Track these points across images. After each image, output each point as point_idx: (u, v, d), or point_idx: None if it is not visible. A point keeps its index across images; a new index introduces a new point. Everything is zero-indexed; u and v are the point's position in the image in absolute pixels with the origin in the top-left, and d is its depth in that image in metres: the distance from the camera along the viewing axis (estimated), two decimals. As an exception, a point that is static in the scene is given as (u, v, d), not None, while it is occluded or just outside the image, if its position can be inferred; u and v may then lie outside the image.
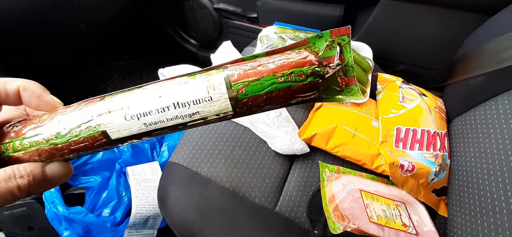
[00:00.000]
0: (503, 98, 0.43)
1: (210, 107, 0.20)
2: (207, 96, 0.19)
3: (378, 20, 0.67)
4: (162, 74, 0.59)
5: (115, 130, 0.20)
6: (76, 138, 0.21)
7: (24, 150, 0.21)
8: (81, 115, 0.20)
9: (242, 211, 0.46)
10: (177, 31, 1.04)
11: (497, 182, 0.39)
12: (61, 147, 0.21)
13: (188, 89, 0.19)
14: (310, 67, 0.19)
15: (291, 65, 0.19)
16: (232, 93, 0.19)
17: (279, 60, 0.19)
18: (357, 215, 0.41)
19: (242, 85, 0.19)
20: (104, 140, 0.21)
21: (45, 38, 0.61)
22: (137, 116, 0.20)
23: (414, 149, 0.48)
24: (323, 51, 0.20)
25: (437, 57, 0.66)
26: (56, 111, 0.21)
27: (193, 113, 0.20)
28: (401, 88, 0.55)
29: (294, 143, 0.51)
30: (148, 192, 0.56)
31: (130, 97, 0.20)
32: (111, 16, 0.77)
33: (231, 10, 0.83)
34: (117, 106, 0.20)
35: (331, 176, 0.48)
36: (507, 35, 0.43)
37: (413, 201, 0.47)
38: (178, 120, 0.20)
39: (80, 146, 0.21)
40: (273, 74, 0.19)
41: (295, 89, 0.19)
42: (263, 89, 0.19)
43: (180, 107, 0.20)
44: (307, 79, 0.19)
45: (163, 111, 0.20)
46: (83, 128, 0.20)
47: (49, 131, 0.20)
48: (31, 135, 0.21)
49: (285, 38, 0.58)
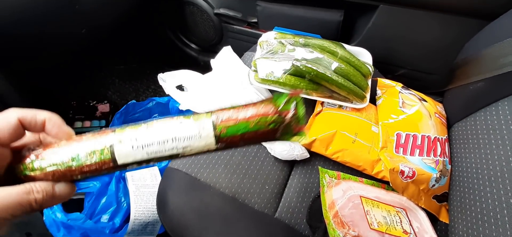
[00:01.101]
0: (503, 103, 0.43)
1: (199, 142, 0.26)
2: (198, 134, 0.25)
3: (378, 25, 0.67)
4: (161, 79, 0.59)
5: (122, 156, 0.25)
6: (89, 162, 0.25)
7: (41, 171, 0.25)
8: (95, 143, 0.25)
9: (241, 217, 0.46)
10: (177, 36, 1.04)
11: (498, 189, 0.38)
12: (74, 170, 0.26)
13: (184, 128, 0.25)
14: (272, 117, 0.26)
15: (259, 115, 0.26)
16: (216, 132, 0.25)
17: (251, 111, 0.26)
18: (357, 222, 0.41)
19: (224, 127, 0.26)
20: (112, 165, 0.26)
21: (46, 44, 0.61)
22: (142, 146, 0.25)
23: (414, 155, 0.48)
24: (282, 106, 0.27)
25: (437, 62, 0.66)
26: (73, 139, 0.26)
27: (185, 146, 0.25)
28: (401, 94, 0.55)
29: (293, 148, 0.51)
30: (147, 197, 0.56)
31: (138, 131, 0.25)
32: (112, 21, 0.77)
33: (231, 15, 0.83)
34: (127, 138, 0.25)
35: (331, 182, 0.48)
36: (507, 40, 0.43)
37: (413, 208, 0.46)
38: (173, 151, 0.26)
39: (91, 169, 0.26)
40: (246, 121, 0.26)
41: (261, 132, 0.27)
42: (238, 131, 0.26)
43: (176, 141, 0.25)
44: (269, 126, 0.26)
45: (162, 144, 0.25)
46: (97, 154, 0.25)
47: (66, 156, 0.25)
48: (51, 158, 0.25)
49: (285, 43, 0.59)
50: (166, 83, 0.59)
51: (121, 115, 0.75)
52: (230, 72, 0.60)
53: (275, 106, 0.28)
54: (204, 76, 0.62)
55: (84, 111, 0.94)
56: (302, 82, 0.52)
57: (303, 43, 0.58)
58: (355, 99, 0.53)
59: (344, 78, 0.52)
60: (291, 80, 0.53)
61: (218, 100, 0.56)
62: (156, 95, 1.10)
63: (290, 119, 0.28)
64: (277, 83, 0.54)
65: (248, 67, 0.62)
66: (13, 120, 0.26)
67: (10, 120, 0.26)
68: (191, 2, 0.87)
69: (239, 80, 0.58)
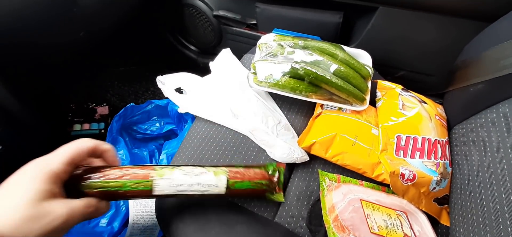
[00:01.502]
0: (504, 106, 0.43)
1: (214, 189, 0.38)
2: (215, 184, 0.38)
3: (377, 27, 0.67)
4: (160, 81, 0.59)
5: (159, 189, 0.36)
6: (133, 189, 0.34)
7: (95, 189, 0.33)
8: (141, 176, 0.35)
9: (240, 221, 0.45)
10: (177, 38, 1.04)
11: (499, 192, 0.38)
12: (120, 193, 0.34)
13: (206, 177, 0.38)
14: (266, 181, 0.42)
15: (257, 177, 0.41)
16: (228, 184, 0.39)
17: (252, 173, 0.41)
18: (358, 225, 0.40)
19: (234, 182, 0.39)
20: (148, 194, 0.35)
21: (44, 48, 0.61)
22: (175, 184, 0.36)
23: (414, 157, 0.47)
24: (271, 172, 0.43)
25: (437, 64, 0.66)
26: (122, 168, 0.35)
27: (204, 190, 0.38)
28: (401, 96, 0.54)
29: (293, 151, 0.50)
30: (145, 201, 0.56)
31: (174, 173, 0.37)
32: (111, 24, 0.77)
33: (230, 17, 0.83)
34: (165, 176, 0.36)
35: (331, 185, 0.48)
36: (507, 42, 0.43)
37: (414, 211, 0.46)
38: (196, 192, 0.37)
39: (133, 194, 0.35)
40: (249, 180, 0.41)
41: (256, 190, 0.41)
42: (243, 186, 0.40)
43: (199, 185, 0.37)
44: (262, 187, 0.42)
45: (189, 185, 0.37)
46: (141, 185, 0.35)
47: (118, 181, 0.34)
48: (105, 180, 0.34)
49: (284, 45, 0.58)
50: (165, 85, 0.59)
51: (120, 118, 0.74)
52: (229, 75, 0.60)
53: (266, 172, 0.43)
54: (203, 78, 0.61)
55: (83, 113, 0.94)
56: (301, 85, 0.52)
57: (302, 45, 0.58)
58: (355, 102, 0.53)
59: (344, 81, 0.52)
60: (290, 83, 0.52)
61: (217, 103, 0.56)
62: (156, 97, 1.09)
63: (275, 183, 0.43)
64: (276, 85, 0.53)
65: (247, 70, 0.62)
66: (86, 148, 0.33)
67: (84, 148, 0.33)
68: (190, 4, 0.87)
69: (238, 83, 0.57)
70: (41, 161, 0.31)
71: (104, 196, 0.34)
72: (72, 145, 0.33)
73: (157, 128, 0.81)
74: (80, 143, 0.33)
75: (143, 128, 0.80)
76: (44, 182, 0.29)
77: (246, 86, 0.57)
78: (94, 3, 0.63)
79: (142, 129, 0.80)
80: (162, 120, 0.82)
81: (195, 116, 0.57)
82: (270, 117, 0.54)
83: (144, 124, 0.81)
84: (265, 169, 0.43)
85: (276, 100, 0.59)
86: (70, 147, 0.32)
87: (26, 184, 0.29)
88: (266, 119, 0.53)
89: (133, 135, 0.80)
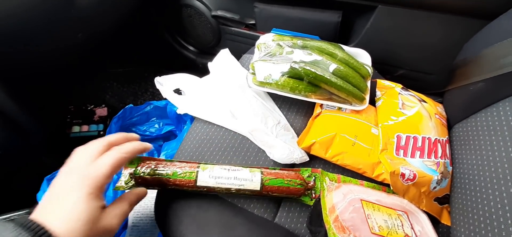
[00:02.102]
0: (504, 104, 0.42)
1: (250, 184, 0.43)
2: (251, 179, 0.43)
3: (376, 26, 0.67)
4: (158, 82, 0.59)
5: (201, 180, 0.42)
6: (181, 178, 0.41)
7: (150, 175, 0.41)
8: (190, 167, 0.43)
9: (240, 222, 0.45)
10: (175, 38, 1.04)
11: (500, 191, 0.38)
12: (171, 180, 0.42)
13: (242, 173, 0.43)
14: (300, 181, 0.45)
15: (291, 177, 0.45)
16: (262, 181, 0.43)
17: (287, 173, 0.46)
18: (358, 226, 0.40)
19: (268, 179, 0.44)
20: (192, 183, 0.42)
21: (41, 51, 0.60)
22: (214, 176, 0.42)
23: (415, 157, 0.47)
24: (306, 177, 0.47)
25: (436, 62, 0.66)
26: (172, 162, 0.43)
27: (241, 184, 0.43)
28: (400, 95, 0.54)
29: (293, 152, 0.50)
30: (145, 203, 0.55)
31: (215, 168, 0.43)
32: (109, 25, 0.76)
33: (229, 17, 0.83)
34: (207, 169, 0.42)
35: (331, 185, 0.47)
36: (507, 40, 0.42)
37: (415, 210, 0.46)
38: (232, 186, 0.42)
39: (180, 183, 0.42)
40: (283, 178, 0.44)
41: (291, 188, 0.44)
42: (277, 183, 0.44)
43: (236, 179, 0.42)
44: (297, 186, 0.45)
45: (228, 179, 0.42)
46: (187, 174, 0.42)
47: (169, 170, 0.42)
48: (159, 169, 0.41)
49: (283, 45, 0.58)
50: (163, 86, 0.59)
51: (119, 120, 0.74)
52: (228, 75, 0.59)
53: (301, 175, 0.47)
54: (202, 79, 0.61)
55: (81, 115, 0.94)
56: (301, 85, 0.52)
57: (301, 45, 0.57)
58: (355, 101, 0.53)
59: (343, 80, 0.52)
60: (290, 83, 0.52)
61: (216, 103, 0.56)
62: (155, 98, 1.09)
63: (311, 187, 0.47)
64: (276, 85, 0.53)
65: (246, 70, 0.62)
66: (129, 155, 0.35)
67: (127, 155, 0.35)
68: (189, 4, 0.87)
69: (237, 84, 0.57)
70: (88, 176, 0.31)
71: (154, 183, 0.41)
72: (115, 155, 0.33)
73: (156, 129, 0.81)
74: (123, 150, 0.34)
75: (142, 129, 0.80)
76: (95, 199, 0.30)
77: (245, 87, 0.56)
78: (92, 4, 0.62)
79: (141, 130, 0.80)
80: (161, 121, 0.82)
81: (194, 117, 0.56)
82: (269, 118, 0.53)
83: (143, 125, 0.81)
84: (301, 172, 0.47)
85: (275, 100, 0.58)
86: (114, 158, 0.33)
87: (78, 205, 0.29)
88: (265, 119, 0.53)
89: (132, 136, 0.80)
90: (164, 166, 0.42)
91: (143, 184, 0.41)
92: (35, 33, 0.56)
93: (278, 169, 0.47)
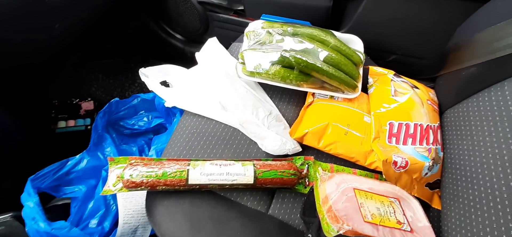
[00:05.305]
0: (495, 89, 0.42)
1: (243, 179, 0.42)
2: (243, 173, 0.42)
3: (368, 10, 0.65)
4: (143, 74, 0.56)
5: (193, 178, 0.41)
6: (172, 178, 0.40)
7: (139, 179, 0.40)
8: (180, 166, 0.41)
9: (234, 216, 0.45)
10: (161, 27, 0.99)
11: (491, 176, 0.38)
12: (160, 181, 0.40)
13: (235, 168, 0.42)
14: (292, 170, 0.44)
15: (284, 167, 0.44)
16: (255, 174, 0.42)
17: (280, 164, 0.45)
18: (351, 215, 0.40)
19: (260, 171, 0.43)
20: (183, 183, 0.41)
21: (14, 43, 0.56)
22: (206, 174, 0.41)
23: (407, 144, 0.47)
24: (299, 166, 0.46)
25: (429, 46, 0.65)
26: (160, 162, 0.42)
27: (233, 179, 0.42)
28: (393, 82, 0.53)
29: (285, 143, 0.49)
30: (136, 200, 0.54)
31: (205, 165, 0.42)
32: (88, 14, 0.72)
33: (215, 2, 0.79)
34: (198, 166, 0.41)
35: (324, 175, 0.47)
36: (501, 24, 0.42)
37: (407, 197, 0.46)
38: (225, 181, 0.41)
39: (171, 183, 0.41)
40: (276, 169, 0.43)
41: (284, 179, 0.44)
42: (270, 175, 0.43)
43: (228, 175, 0.41)
44: (290, 177, 0.44)
45: (220, 175, 0.41)
46: (178, 174, 0.40)
47: (158, 171, 0.41)
48: (147, 171, 0.40)
49: (272, 32, 0.56)
50: (149, 78, 0.56)
51: (104, 114, 0.71)
52: (217, 66, 0.57)
53: (294, 164, 0.46)
54: (189, 70, 0.59)
55: (67, 110, 0.90)
56: (292, 74, 0.50)
57: (291, 32, 0.55)
58: (347, 89, 0.52)
59: (335, 68, 0.50)
60: (280, 72, 0.51)
61: (205, 95, 0.54)
62: (143, 89, 1.05)
63: (305, 175, 0.46)
64: (266, 75, 0.51)
65: (235, 59, 0.60)
66: None
67: None
68: (173, -10, 0.83)
69: (226, 74, 0.55)
70: None
71: (143, 185, 0.40)
72: None
73: (145, 122, 0.78)
74: None
75: (130, 123, 0.78)
76: None
77: (234, 77, 0.54)
78: (67, -9, 0.58)
79: (129, 124, 0.77)
80: (150, 114, 0.80)
81: (183, 110, 0.54)
82: (260, 108, 0.52)
83: (131, 119, 0.78)
84: (293, 161, 0.46)
85: (266, 90, 0.57)
86: None
87: None
88: (256, 110, 0.51)
89: (120, 131, 0.77)
90: (153, 166, 0.41)
91: (131, 187, 0.40)
92: (10, 25, 0.52)
93: (270, 160, 0.46)
